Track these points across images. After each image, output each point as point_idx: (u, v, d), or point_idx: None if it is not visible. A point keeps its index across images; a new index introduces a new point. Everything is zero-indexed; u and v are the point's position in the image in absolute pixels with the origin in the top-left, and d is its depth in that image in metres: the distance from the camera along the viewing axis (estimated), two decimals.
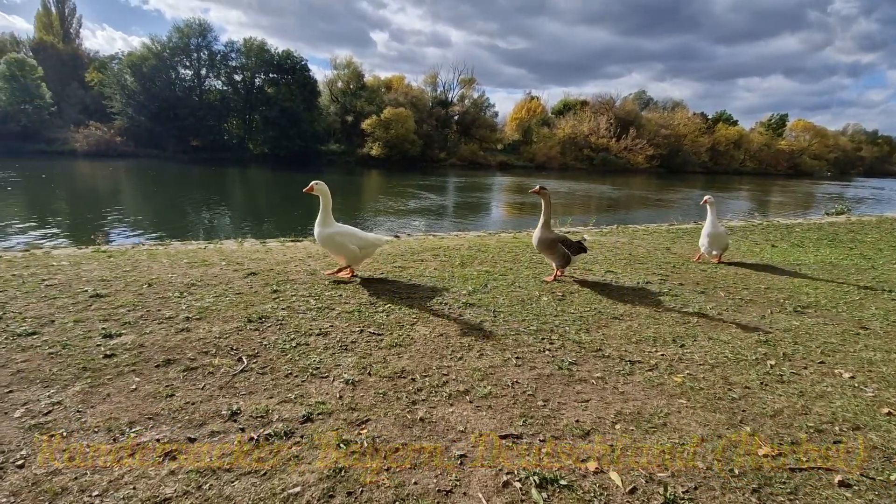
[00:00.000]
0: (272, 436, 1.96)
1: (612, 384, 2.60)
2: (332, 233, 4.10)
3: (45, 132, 40.17)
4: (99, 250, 5.42)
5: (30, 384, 2.28)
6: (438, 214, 17.78)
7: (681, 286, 4.68)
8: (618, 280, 4.81)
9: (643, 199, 27.65)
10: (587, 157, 56.94)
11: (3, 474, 1.68)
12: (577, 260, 4.66)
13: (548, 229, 4.50)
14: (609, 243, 6.95)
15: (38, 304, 3.31)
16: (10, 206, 15.26)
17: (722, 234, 5.62)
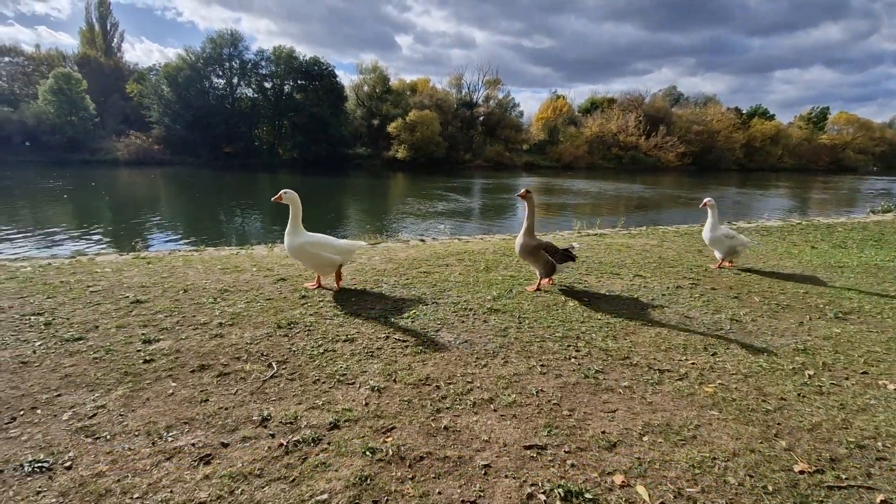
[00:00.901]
0: (300, 442, 2.01)
1: (639, 394, 2.55)
2: (302, 243, 3.95)
3: (90, 142, 42.26)
4: (139, 257, 5.67)
5: (76, 388, 2.42)
6: (464, 216, 17.79)
7: (713, 290, 4.55)
8: (646, 285, 4.71)
9: (675, 199, 26.92)
10: (615, 156, 55.88)
11: (53, 475, 1.78)
12: (563, 269, 4.44)
13: (531, 236, 4.30)
14: (638, 246, 6.81)
15: (84, 310, 3.50)
16: (67, 213, 16.12)
17: (720, 237, 5.26)
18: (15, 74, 45.68)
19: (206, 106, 44.21)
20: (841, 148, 67.73)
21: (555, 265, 4.26)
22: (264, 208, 19.48)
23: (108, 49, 50.61)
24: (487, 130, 56.01)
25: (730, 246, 5.27)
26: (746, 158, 60.54)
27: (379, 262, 5.34)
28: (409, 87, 54.55)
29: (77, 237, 12.04)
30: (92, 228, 13.58)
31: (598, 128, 56.36)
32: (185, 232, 13.62)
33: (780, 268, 5.58)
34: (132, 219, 15.72)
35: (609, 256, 5.95)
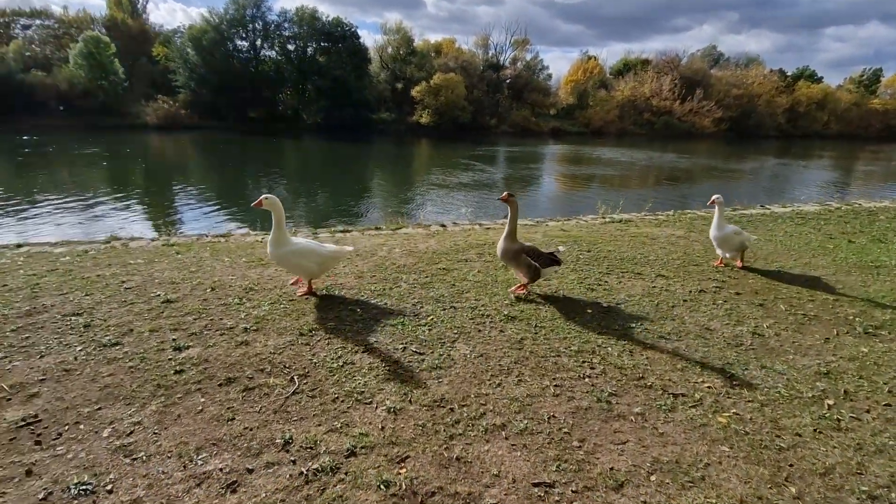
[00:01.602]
0: (319, 471, 2.13)
1: (651, 422, 2.58)
2: (286, 252, 3.83)
3: (120, 107, 42.99)
4: (168, 244, 5.87)
5: (115, 401, 2.59)
6: (487, 189, 17.57)
7: (737, 296, 4.45)
8: (669, 287, 4.63)
9: (709, 170, 25.87)
10: (647, 121, 53.67)
11: (97, 499, 1.95)
12: (548, 273, 4.35)
13: (512, 240, 4.18)
14: (663, 238, 6.65)
15: (119, 311, 3.68)
16: (107, 181, 16.66)
17: (729, 235, 5.06)
18: (46, 38, 46.25)
19: (230, 70, 44.17)
20: (894, 114, 63.20)
21: (539, 269, 4.13)
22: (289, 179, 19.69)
23: (133, 10, 50.47)
24: (514, 94, 54.32)
25: (739, 242, 5.09)
26: (789, 124, 57.33)
27: (399, 254, 5.39)
28: (433, 49, 53.00)
29: (116, 209, 12.49)
30: (129, 197, 14.04)
31: (631, 91, 53.97)
32: (213, 204, 13.93)
33: (812, 267, 5.39)
34: (164, 189, 16.15)
35: (632, 250, 5.84)
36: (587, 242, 6.14)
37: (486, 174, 21.67)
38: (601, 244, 6.09)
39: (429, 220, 8.21)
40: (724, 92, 54.47)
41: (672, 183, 21.06)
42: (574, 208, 12.45)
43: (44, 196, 13.86)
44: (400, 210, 13.20)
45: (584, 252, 5.69)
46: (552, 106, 56.18)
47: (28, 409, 2.49)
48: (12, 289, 4.04)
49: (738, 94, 54.84)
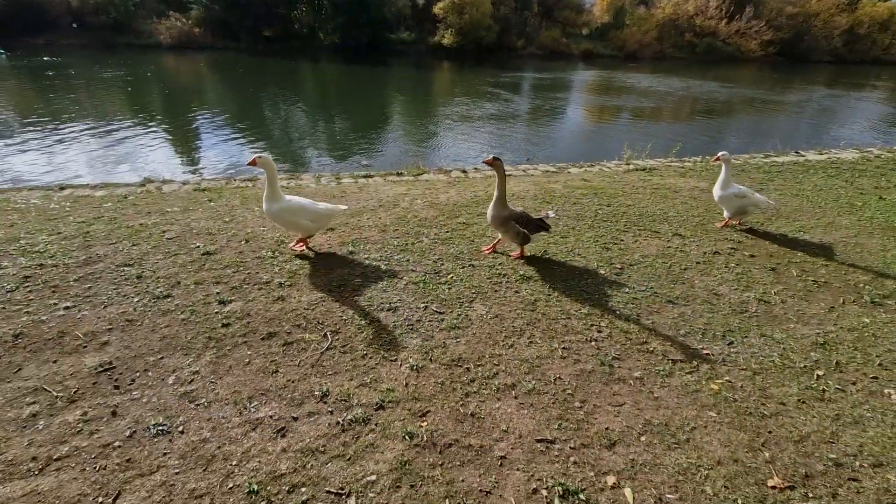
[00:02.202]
0: (353, 421, 2.49)
1: (648, 387, 2.85)
2: (280, 209, 3.95)
3: (131, 23, 41.70)
4: (199, 188, 6.13)
5: (174, 351, 2.97)
6: (511, 123, 17.07)
7: (751, 259, 4.54)
8: (684, 247, 4.74)
9: (749, 102, 24.29)
10: (688, 43, 49.61)
11: (173, 438, 2.35)
12: (537, 238, 4.44)
13: (501, 205, 4.14)
14: (686, 190, 6.59)
15: (165, 262, 4.02)
16: (132, 108, 16.75)
17: (730, 196, 4.93)
18: None
19: None
20: None
21: (528, 236, 4.19)
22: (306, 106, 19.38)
23: None
24: (544, 11, 50.38)
25: (739, 206, 4.98)
26: (846, 48, 52.28)
27: (420, 206, 5.54)
28: None
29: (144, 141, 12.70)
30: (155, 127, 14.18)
31: (673, 9, 49.42)
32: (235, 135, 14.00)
33: (834, 227, 5.37)
34: (188, 117, 16.18)
35: (653, 205, 5.87)
36: (607, 196, 6.16)
37: (509, 105, 20.89)
38: (621, 197, 6.11)
39: (450, 165, 8.22)
40: (777, 10, 49.41)
41: (707, 117, 20.01)
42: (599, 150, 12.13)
43: (74, 126, 14.11)
44: (420, 147, 13.09)
45: (603, 206, 5.74)
46: (585, 25, 52.13)
47: (102, 356, 2.89)
48: (67, 237, 4.40)
49: (793, 13, 49.70)
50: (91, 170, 10.37)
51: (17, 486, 2.06)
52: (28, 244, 4.21)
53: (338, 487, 2.12)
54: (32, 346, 2.93)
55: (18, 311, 3.26)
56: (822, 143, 11.84)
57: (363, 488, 2.13)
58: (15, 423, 2.38)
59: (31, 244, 4.21)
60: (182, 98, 20.22)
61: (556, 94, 25.01)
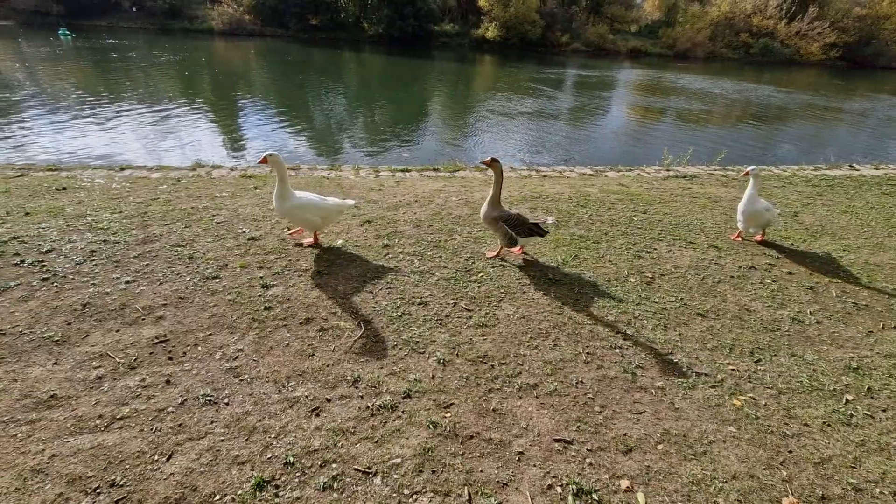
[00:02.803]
0: (382, 407, 2.65)
1: (670, 398, 2.89)
2: (291, 206, 4.04)
3: (187, 10, 43.38)
4: (246, 175, 6.45)
5: (221, 329, 3.21)
6: (551, 121, 16.91)
7: (789, 276, 4.45)
8: (719, 260, 4.68)
9: (807, 108, 23.12)
10: (743, 44, 47.50)
11: (219, 408, 2.58)
12: (528, 242, 4.42)
13: (494, 205, 4.15)
14: (727, 200, 6.45)
15: (214, 245, 4.30)
16: (188, 92, 17.56)
17: (760, 211, 4.80)
18: None
19: None
20: None
21: (515, 238, 4.17)
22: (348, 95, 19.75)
23: None
24: (592, 7, 49.29)
25: (767, 220, 4.87)
26: None
27: (455, 203, 5.66)
28: None
29: (198, 124, 13.32)
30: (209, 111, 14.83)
31: (729, 7, 47.33)
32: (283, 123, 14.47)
33: (882, 248, 5.17)
34: (238, 103, 16.82)
35: (690, 215, 5.79)
36: (644, 202, 6.10)
37: (550, 102, 20.66)
38: (658, 205, 6.05)
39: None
40: (844, 11, 46.56)
41: (758, 123, 19.19)
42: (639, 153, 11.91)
43: (131, 107, 14.92)
44: (457, 142, 13.18)
45: (638, 213, 5.71)
46: (634, 22, 50.70)
47: (158, 329, 3.16)
48: (127, 216, 4.76)
49: (861, 15, 46.73)
50: (146, 151, 10.98)
51: (86, 439, 2.32)
52: (93, 221, 4.58)
53: (365, 466, 2.29)
54: (98, 316, 3.23)
55: (86, 282, 3.59)
56: (882, 156, 11.23)
57: (388, 469, 2.29)
58: (83, 383, 2.67)
59: (96, 221, 4.58)
60: (232, 84, 20.98)
61: (598, 93, 24.52)
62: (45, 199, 5.09)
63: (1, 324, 3.06)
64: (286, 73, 25.32)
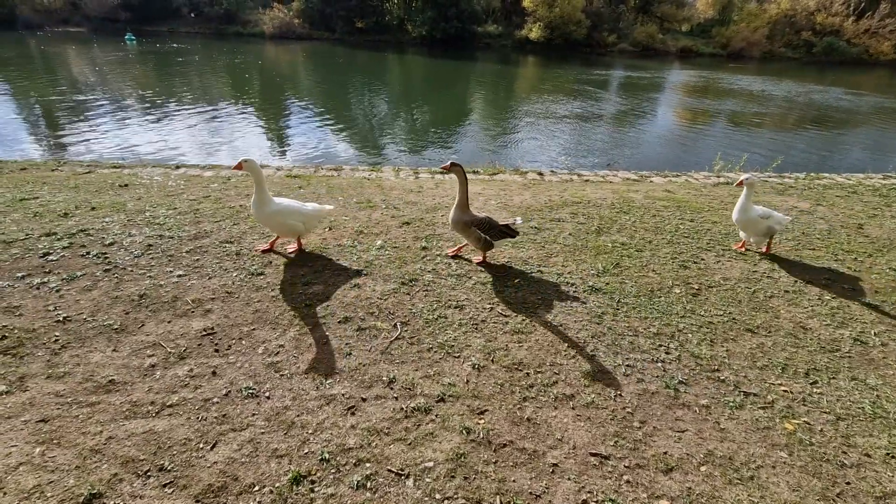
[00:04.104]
0: (415, 409, 2.67)
1: (714, 417, 2.76)
2: (270, 212, 3.96)
3: (241, 15, 45.36)
4: (290, 174, 6.66)
5: (264, 324, 3.33)
6: (594, 124, 16.55)
7: (852, 293, 4.16)
8: (772, 273, 4.43)
9: (876, 113, 21.56)
10: (805, 42, 44.83)
11: (261, 402, 2.67)
12: (501, 244, 4.28)
13: (463, 209, 4.05)
14: (782, 209, 6.10)
15: (260, 242, 4.46)
16: (247, 94, 18.38)
17: (754, 219, 4.51)
18: None
19: None
20: None
21: (490, 242, 4.09)
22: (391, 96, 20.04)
23: None
24: (640, 6, 47.89)
25: (767, 227, 4.55)
26: None
27: (494, 207, 5.63)
28: None
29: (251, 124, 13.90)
30: (257, 113, 15.45)
31: (790, 3, 44.80)
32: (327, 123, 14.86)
33: None
34: (288, 105, 17.41)
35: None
36: (691, 210, 5.86)
37: (594, 105, 20.22)
38: (707, 213, 5.79)
39: (526, 165, 8.21)
40: None
41: (820, 128, 18.06)
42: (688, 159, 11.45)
43: (187, 108, 15.74)
44: (497, 145, 13.11)
45: (685, 221, 5.49)
46: (685, 21, 48.87)
47: (206, 322, 3.31)
48: (181, 212, 5.01)
49: None
50: (199, 150, 11.53)
51: (139, 424, 2.46)
52: (151, 216, 4.86)
53: (398, 468, 2.31)
54: (153, 307, 3.42)
55: (143, 274, 3.80)
56: None
57: (421, 472, 2.30)
58: (138, 370, 2.83)
59: (153, 216, 4.85)
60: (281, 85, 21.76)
61: (645, 95, 23.78)
62: (108, 195, 5.44)
63: (67, 311, 3.29)
64: (332, 75, 26.00)
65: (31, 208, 4.90)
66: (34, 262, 3.86)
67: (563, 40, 42.93)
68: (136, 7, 43.80)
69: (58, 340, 3.01)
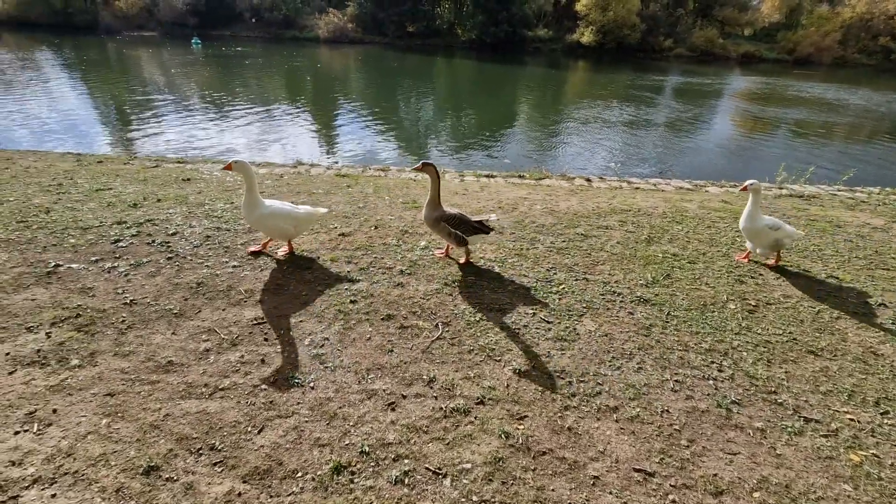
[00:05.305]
0: (455, 410, 2.67)
1: (770, 441, 2.60)
2: (260, 215, 3.91)
3: (298, 20, 47.24)
4: (340, 174, 6.84)
5: (310, 317, 3.43)
6: (644, 130, 16.04)
7: None
8: (839, 292, 4.13)
9: None
10: (882, 48, 41.64)
11: (305, 391, 2.76)
12: (476, 241, 4.12)
13: (434, 207, 3.99)
14: (853, 225, 5.68)
15: (309, 238, 4.61)
16: (291, 95, 19.16)
17: (761, 229, 4.25)
18: None
19: None
20: None
21: (463, 238, 4.00)
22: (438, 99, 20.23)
23: None
24: (700, 9, 46.07)
25: (774, 239, 4.27)
26: None
27: (539, 212, 5.56)
28: None
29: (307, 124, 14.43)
30: (314, 113, 16.01)
31: (866, 7, 41.77)
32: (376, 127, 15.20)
33: None
34: (342, 106, 17.95)
35: (806, 239, 5.17)
36: None
37: (647, 111, 19.60)
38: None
39: (573, 171, 8.05)
40: None
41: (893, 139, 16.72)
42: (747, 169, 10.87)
43: (250, 108, 16.52)
44: (544, 150, 12.96)
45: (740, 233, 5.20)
46: (748, 25, 46.57)
47: (257, 312, 3.45)
48: (237, 206, 5.25)
49: None
50: (255, 147, 12.07)
51: (193, 404, 2.60)
52: (210, 209, 5.12)
53: (436, 467, 2.32)
54: (209, 294, 3.60)
55: (201, 264, 4.02)
56: None
57: (458, 473, 2.30)
58: (194, 353, 2.98)
59: (212, 209, 5.12)
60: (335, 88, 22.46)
61: (702, 101, 22.82)
62: (173, 188, 5.79)
63: (134, 294, 3.53)
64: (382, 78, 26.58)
65: (105, 198, 5.29)
66: (106, 247, 4.16)
67: (615, 45, 41.95)
68: (202, 13, 46.49)
69: (124, 321, 3.23)
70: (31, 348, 2.92)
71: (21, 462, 2.20)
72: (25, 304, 3.33)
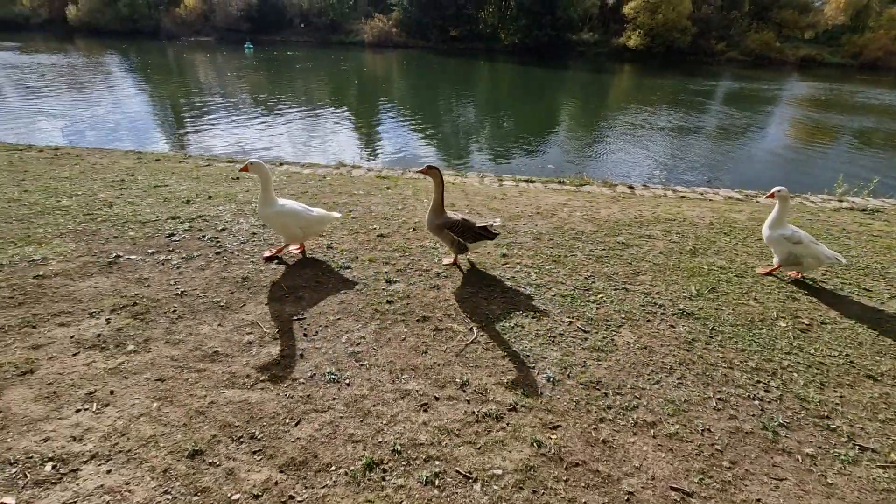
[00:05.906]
0: (486, 415, 2.66)
1: (822, 468, 2.45)
2: (272, 213, 3.98)
3: (345, 25, 48.52)
4: (380, 175, 6.97)
5: (347, 316, 3.51)
6: (691, 139, 15.47)
7: None
8: None
9: None
10: None
11: (341, 387, 2.82)
12: (477, 247, 4.03)
13: (437, 213, 3.94)
14: None
15: (348, 238, 4.72)
16: (354, 98, 19.71)
17: (777, 238, 4.04)
18: None
19: None
20: None
21: (465, 245, 3.94)
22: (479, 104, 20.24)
23: None
24: (756, 11, 44.02)
25: (790, 252, 4.01)
26: None
27: (579, 219, 5.47)
28: None
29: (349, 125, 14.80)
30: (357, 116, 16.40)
31: None
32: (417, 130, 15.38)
33: None
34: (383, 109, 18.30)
35: (869, 256, 4.86)
36: None
37: (696, 117, 18.90)
38: (824, 240, 5.17)
39: (616, 178, 7.87)
40: None
41: None
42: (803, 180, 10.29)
43: (296, 110, 17.09)
44: (585, 156, 12.73)
45: None
46: (809, 28, 44.10)
47: (298, 308, 3.56)
48: None
49: None
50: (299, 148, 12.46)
51: (235, 393, 2.72)
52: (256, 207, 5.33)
53: (466, 471, 2.32)
54: (253, 289, 3.75)
55: (247, 259, 4.19)
56: None
57: (489, 479, 2.29)
58: (238, 345, 3.12)
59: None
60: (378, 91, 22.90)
61: (756, 107, 21.79)
62: (223, 186, 6.07)
63: (185, 286, 3.72)
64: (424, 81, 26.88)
65: (161, 194, 5.60)
66: (161, 241, 4.41)
67: (664, 48, 40.70)
68: (255, 19, 48.54)
69: (176, 311, 3.41)
70: (93, 333, 3.13)
71: (81, 438, 2.37)
72: (89, 290, 3.58)
